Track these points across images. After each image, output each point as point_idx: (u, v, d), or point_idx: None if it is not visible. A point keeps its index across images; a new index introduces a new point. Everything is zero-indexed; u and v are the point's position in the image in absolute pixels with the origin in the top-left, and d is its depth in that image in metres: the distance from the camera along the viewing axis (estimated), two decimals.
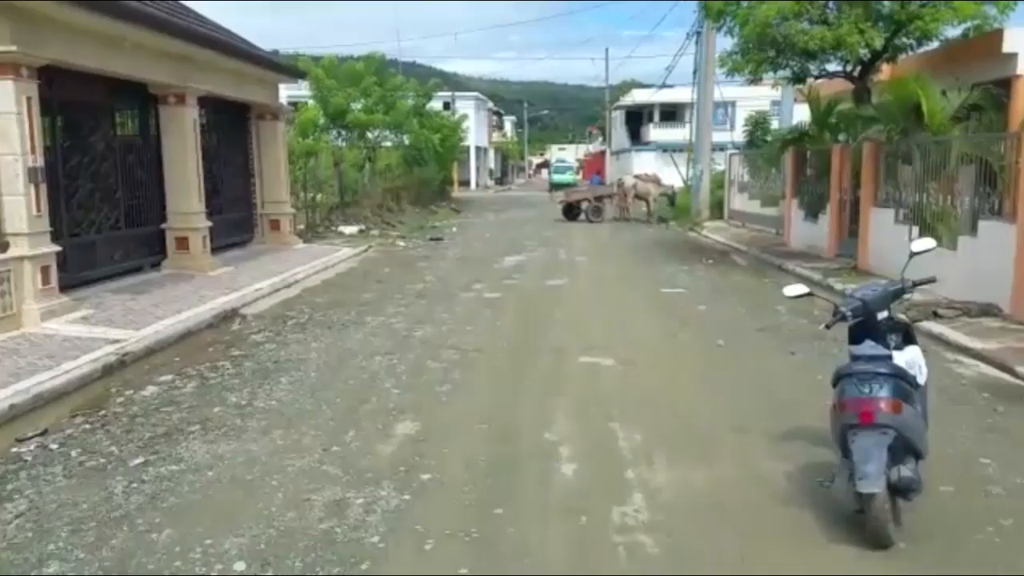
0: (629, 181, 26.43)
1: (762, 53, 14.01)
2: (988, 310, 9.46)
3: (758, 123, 28.62)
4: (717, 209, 24.86)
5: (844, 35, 12.26)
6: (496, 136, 71.18)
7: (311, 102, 22.36)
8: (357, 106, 23.65)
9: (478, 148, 55.34)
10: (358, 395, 6.41)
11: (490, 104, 65.41)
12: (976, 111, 12.41)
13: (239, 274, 13.25)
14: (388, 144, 29.26)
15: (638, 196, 26.54)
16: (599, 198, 26.29)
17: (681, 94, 53.00)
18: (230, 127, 16.02)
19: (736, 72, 15.24)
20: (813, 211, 16.77)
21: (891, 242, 12.74)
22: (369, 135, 25.65)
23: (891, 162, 13.19)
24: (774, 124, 28.47)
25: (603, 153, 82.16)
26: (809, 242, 16.67)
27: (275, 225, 17.36)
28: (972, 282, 10.09)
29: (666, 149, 55.18)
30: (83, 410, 6.20)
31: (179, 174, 12.74)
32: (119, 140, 12.16)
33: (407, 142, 28.70)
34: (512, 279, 13.06)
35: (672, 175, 33.05)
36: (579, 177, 59.85)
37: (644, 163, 55.54)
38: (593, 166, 74.50)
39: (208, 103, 13.74)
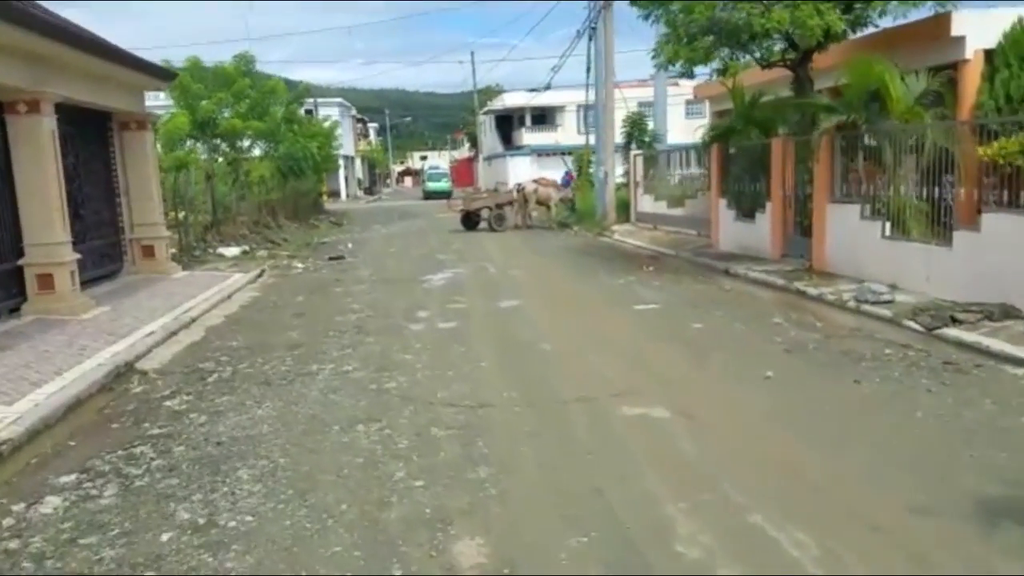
0: (530, 186, 25.13)
1: (704, 40, 12.94)
2: (1009, 311, 8.62)
3: (635, 123, 28.14)
4: (623, 212, 23.94)
5: (804, 17, 11.31)
6: (362, 144, 68.49)
7: (175, 109, 19.55)
8: (227, 112, 21.03)
9: (346, 157, 52.67)
10: (367, 496, 4.57)
11: (354, 111, 62.75)
12: (931, 97, 11.80)
13: (119, 315, 10.84)
14: (257, 154, 26.63)
15: (539, 201, 25.30)
16: (500, 205, 24.83)
17: (554, 97, 52.79)
18: (89, 139, 13.38)
19: (671, 63, 14.14)
20: (746, 210, 15.94)
21: (856, 240, 11.97)
22: (239, 144, 23.01)
23: (850, 154, 12.42)
24: (650, 124, 28.17)
25: (470, 159, 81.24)
26: (743, 243, 15.84)
27: (148, 251, 14.80)
28: (976, 281, 9.30)
29: (540, 153, 54.74)
30: None
31: (37, 198, 10.22)
32: None
33: (280, 151, 26.16)
34: (456, 303, 11.32)
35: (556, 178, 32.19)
36: (451, 184, 58.18)
37: (519, 167, 54.74)
38: (461, 172, 73.37)
39: (61, 112, 11.14)
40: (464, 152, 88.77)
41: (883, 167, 11.51)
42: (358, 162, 63.04)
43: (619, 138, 29.35)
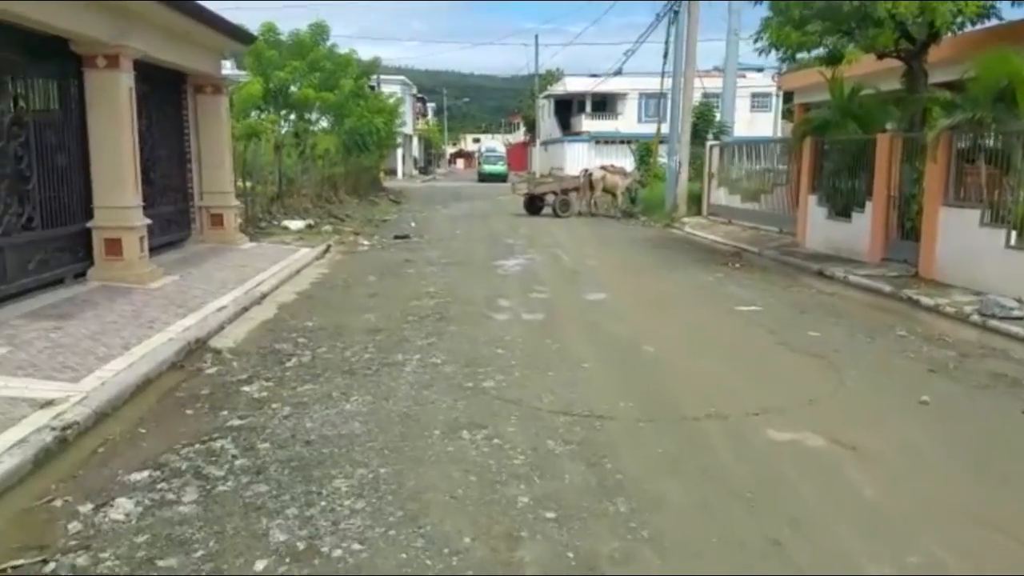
0: (598, 173, 24.24)
1: (817, 24, 11.95)
2: None
3: (702, 114, 27.14)
4: (694, 204, 22.96)
5: (937, 3, 10.29)
6: (420, 124, 68.06)
7: (247, 76, 19.07)
8: (299, 83, 20.50)
9: (404, 135, 52.24)
10: (492, 527, 3.86)
11: (414, 89, 62.28)
12: None
13: (187, 285, 10.36)
14: (323, 127, 26.18)
15: (605, 189, 24.42)
16: (565, 191, 24.02)
17: (616, 84, 51.62)
18: (163, 101, 12.92)
19: (776, 47, 13.17)
20: (841, 208, 14.91)
21: (974, 248, 10.95)
22: (309, 117, 22.52)
23: (970, 154, 11.39)
24: (716, 116, 27.14)
25: (525, 143, 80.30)
26: (835, 243, 14.82)
27: (216, 220, 14.35)
28: None
29: (599, 140, 53.67)
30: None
31: (110, 158, 9.74)
32: (30, 115, 9.07)
33: (347, 125, 25.65)
34: (537, 292, 10.61)
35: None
36: (507, 168, 57.42)
37: (577, 153, 53.82)
38: (516, 156, 72.51)
39: (137, 70, 10.61)
40: (519, 136, 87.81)
41: (1011, 170, 10.50)
42: (415, 141, 62.61)
43: (660, 129, 28.50)
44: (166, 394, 6.22)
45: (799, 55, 13.92)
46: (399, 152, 51.87)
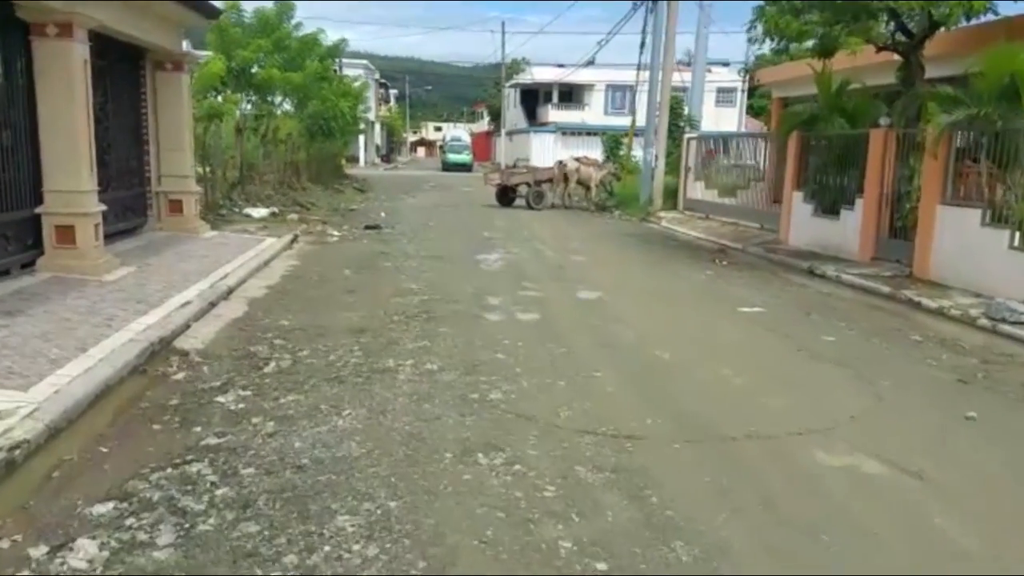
0: (572, 164, 23.68)
1: (816, 14, 11.49)
2: None
3: (671, 108, 26.74)
4: (670, 198, 22.52)
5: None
6: (383, 110, 66.80)
7: (208, 54, 18.02)
8: (263, 62, 19.50)
9: (368, 122, 51.11)
10: None
11: (377, 75, 61.03)
12: None
13: (146, 278, 9.53)
14: (287, 110, 25.17)
15: (579, 181, 23.88)
16: (539, 182, 23.41)
17: (583, 75, 51.11)
18: (120, 78, 11.98)
19: (770, 37, 12.68)
20: (829, 206, 14.56)
21: (974, 248, 10.62)
22: (272, 99, 21.52)
23: (970, 152, 11.06)
24: (685, 110, 26.86)
25: (489, 133, 79.39)
26: (822, 240, 14.47)
27: (175, 206, 13.44)
28: None
29: (565, 131, 53.11)
30: None
31: (63, 137, 8.86)
32: None
33: (311, 109, 24.68)
34: (527, 290, 9.99)
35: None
36: (472, 157, 56.61)
37: (543, 144, 53.20)
38: (479, 146, 71.60)
39: (92, 43, 9.65)
40: (483, 125, 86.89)
41: (1015, 169, 10.17)
42: (377, 128, 61.40)
43: (634, 122, 28.14)
44: (129, 404, 5.48)
45: (792, 46, 13.43)
46: (362, 139, 50.76)
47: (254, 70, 19.04)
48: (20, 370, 5.68)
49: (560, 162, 24.25)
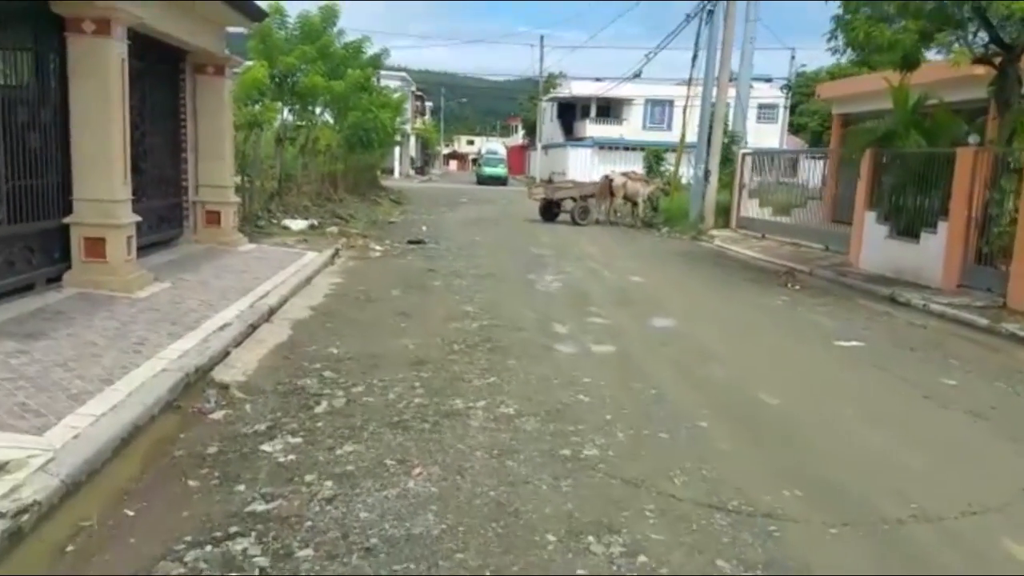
0: (619, 180, 22.79)
1: (916, 21, 10.55)
2: None
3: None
4: (721, 216, 21.53)
5: None
6: (418, 122, 66.43)
7: (252, 59, 17.41)
8: (306, 69, 18.85)
9: (404, 134, 50.67)
10: None
11: (414, 87, 60.67)
12: None
13: (181, 295, 8.79)
14: (327, 119, 24.58)
15: (626, 197, 22.97)
16: (584, 197, 22.54)
17: (621, 90, 50.25)
18: (158, 81, 11.35)
19: (861, 45, 11.73)
20: (906, 228, 13.52)
21: None
22: (314, 108, 20.90)
23: None
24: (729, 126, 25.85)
25: (524, 147, 78.77)
26: (898, 265, 13.41)
27: (213, 218, 12.76)
28: None
29: (603, 146, 52.29)
30: None
31: (97, 142, 8.16)
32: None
33: (351, 119, 24.06)
34: (594, 316, 9.11)
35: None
36: (507, 171, 55.93)
37: (580, 159, 52.46)
38: (513, 159, 70.98)
39: (130, 42, 8.99)
40: (517, 139, 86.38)
41: None
42: (413, 140, 60.99)
43: (692, 137, 27.24)
44: (160, 451, 4.68)
45: (874, 56, 12.49)
46: (397, 151, 50.27)
47: (296, 77, 18.39)
48: (36, 407, 4.91)
49: (607, 177, 23.38)
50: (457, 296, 9.93)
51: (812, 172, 20.78)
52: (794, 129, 56.57)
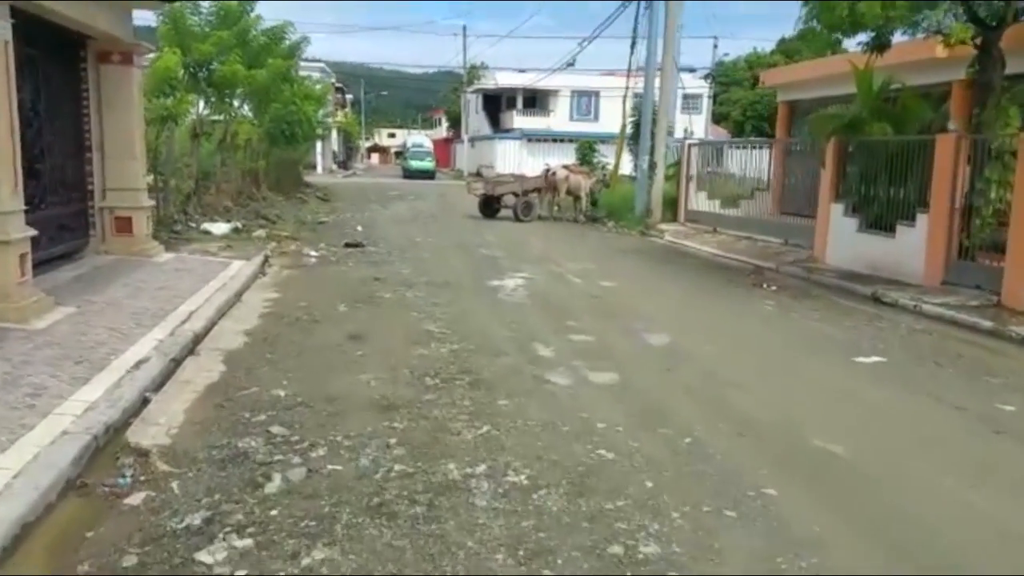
0: (561, 173, 21.75)
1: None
2: None
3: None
4: (668, 209, 20.74)
5: None
6: (339, 116, 64.13)
7: (162, 47, 15.57)
8: (224, 57, 17.09)
9: (326, 127, 48.61)
10: None
11: (334, 78, 58.41)
12: None
13: (88, 323, 7.33)
14: (246, 112, 22.79)
15: (569, 191, 21.96)
16: (527, 192, 21.45)
17: (547, 81, 49.32)
18: (55, 70, 9.70)
19: (833, 28, 10.97)
20: (880, 221, 12.86)
21: None
22: (232, 100, 19.15)
23: None
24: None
25: (448, 140, 77.23)
26: (871, 261, 12.75)
27: (124, 225, 11.16)
28: None
29: (531, 138, 51.34)
30: None
31: None
32: None
33: (272, 112, 22.35)
34: (575, 332, 8.01)
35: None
36: (435, 164, 54.41)
37: (508, 151, 51.42)
38: (438, 152, 69.48)
39: (20, 26, 7.42)
40: (441, 132, 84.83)
41: None
42: (334, 134, 58.79)
43: (607, 128, 26.61)
44: (58, 559, 3.36)
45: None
46: (319, 145, 48.21)
47: (212, 66, 16.66)
48: None
49: (548, 170, 22.33)
50: (414, 312, 8.69)
51: (759, 162, 20.25)
52: (716, 119, 56.85)
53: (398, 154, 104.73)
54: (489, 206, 21.69)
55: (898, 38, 12.91)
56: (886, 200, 12.73)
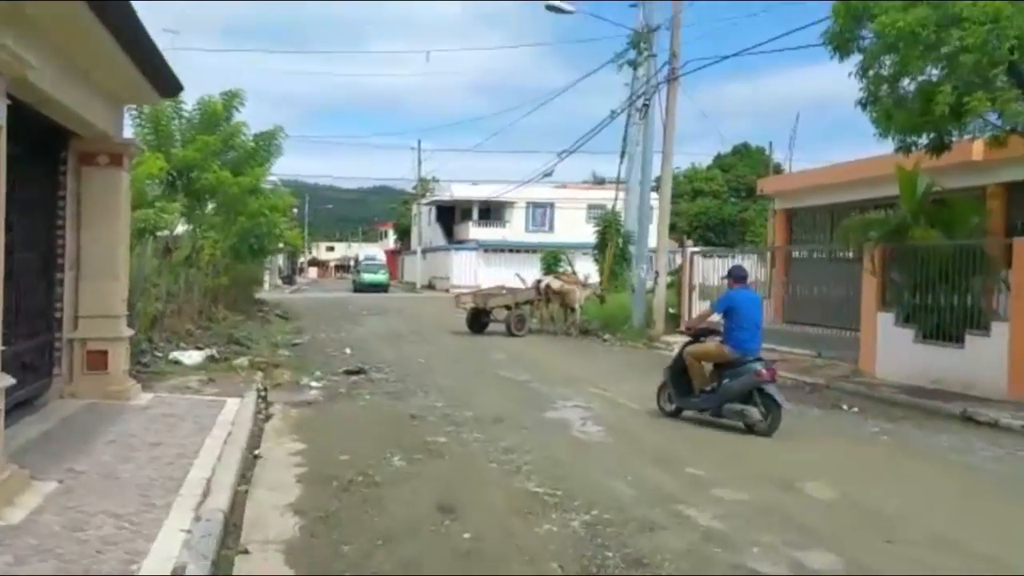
0: (555, 283, 20.50)
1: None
2: None
3: (610, 223, 24.75)
4: (671, 320, 19.54)
5: None
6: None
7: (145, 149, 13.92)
8: (208, 163, 15.43)
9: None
10: None
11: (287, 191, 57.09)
12: None
13: (81, 508, 5.46)
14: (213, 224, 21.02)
15: (563, 303, 20.66)
16: (519, 304, 20.05)
17: (501, 193, 49.10)
18: (29, 173, 7.94)
19: (904, 133, 10.20)
20: (938, 331, 11.80)
21: None
22: (203, 211, 17.43)
23: None
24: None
25: (396, 251, 76.27)
26: (934, 373, 11.64)
27: (98, 360, 9.21)
28: None
29: (487, 248, 50.56)
30: None
31: None
32: None
33: (240, 224, 20.67)
34: (709, 486, 6.37)
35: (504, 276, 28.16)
36: (388, 276, 52.89)
37: (464, 262, 50.43)
38: (388, 264, 68.24)
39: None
40: (388, 244, 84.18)
41: None
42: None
43: (591, 237, 26.11)
44: None
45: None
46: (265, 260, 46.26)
47: (194, 173, 14.99)
48: None
49: (539, 281, 21.06)
50: (492, 463, 6.98)
51: (756, 271, 19.50)
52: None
53: (339, 267, 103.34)
54: (478, 320, 20.20)
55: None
56: (948, 309, 11.70)
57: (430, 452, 7.37)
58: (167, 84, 8.51)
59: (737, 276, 9.52)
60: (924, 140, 11.13)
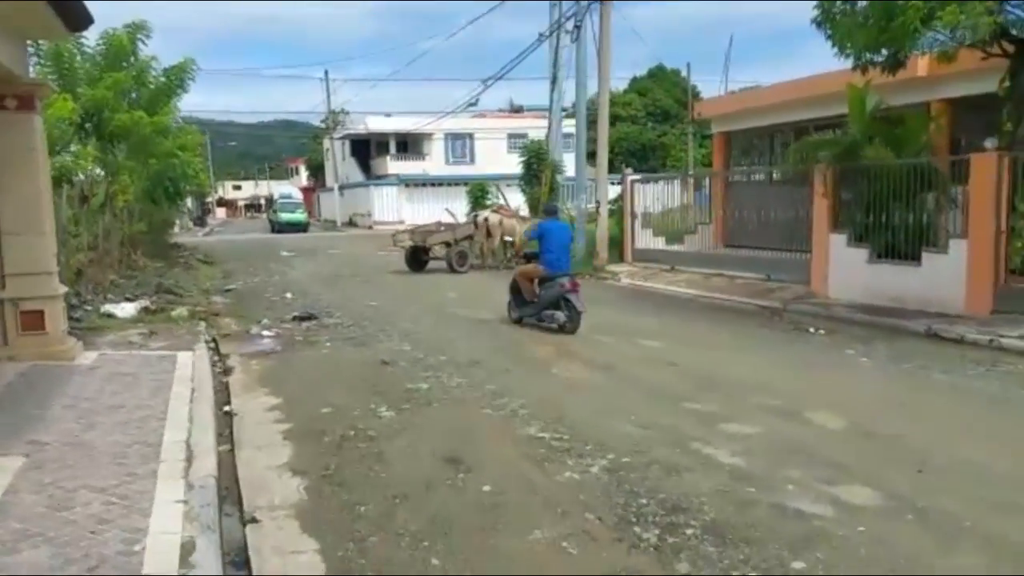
0: (494, 218, 20.03)
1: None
2: None
3: (535, 153, 24.38)
4: (613, 249, 19.44)
5: None
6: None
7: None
8: (120, 101, 14.13)
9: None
10: None
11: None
12: None
13: (58, 484, 4.95)
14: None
15: (503, 236, 20.27)
16: (459, 241, 19.56)
17: (419, 125, 47.80)
18: None
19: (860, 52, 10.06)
20: (892, 249, 11.96)
21: None
22: (114, 153, 16.15)
23: None
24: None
25: (311, 189, 73.79)
26: (891, 292, 11.82)
27: (33, 320, 8.46)
28: None
29: (408, 183, 49.35)
30: None
31: None
32: None
33: (153, 167, 19.41)
34: (717, 420, 6.22)
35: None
36: (307, 215, 51.09)
37: (386, 198, 49.14)
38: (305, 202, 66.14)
39: None
40: (300, 181, 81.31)
41: None
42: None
43: (517, 168, 25.60)
44: None
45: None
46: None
47: (104, 114, 13.74)
48: None
49: (476, 215, 20.56)
50: (486, 409, 6.67)
51: (699, 196, 19.59)
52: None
53: (249, 206, 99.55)
54: (417, 259, 19.66)
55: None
56: (905, 227, 11.82)
57: (415, 400, 7.00)
58: (77, 16, 7.54)
59: (548, 210, 11.78)
60: (879, 58, 11.01)
